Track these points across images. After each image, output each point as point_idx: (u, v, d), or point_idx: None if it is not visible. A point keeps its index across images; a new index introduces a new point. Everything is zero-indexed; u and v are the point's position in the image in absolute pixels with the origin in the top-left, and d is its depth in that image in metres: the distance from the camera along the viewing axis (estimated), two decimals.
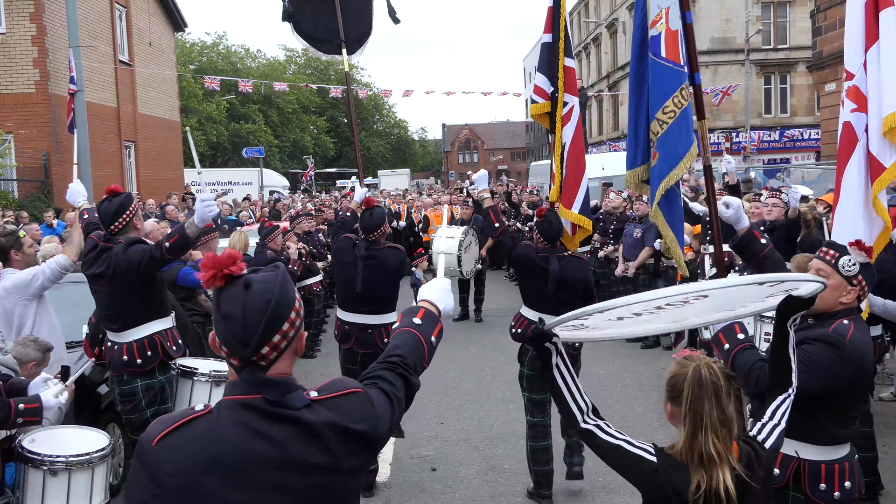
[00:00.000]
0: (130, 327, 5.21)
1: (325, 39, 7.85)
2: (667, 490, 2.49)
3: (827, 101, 22.11)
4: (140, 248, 5.12)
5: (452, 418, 8.14)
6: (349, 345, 6.38)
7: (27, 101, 18.20)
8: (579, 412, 2.74)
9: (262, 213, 19.27)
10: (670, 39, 4.53)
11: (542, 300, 5.90)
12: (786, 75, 38.67)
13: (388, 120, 70.54)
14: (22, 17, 18.13)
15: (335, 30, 7.69)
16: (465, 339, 12.13)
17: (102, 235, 5.27)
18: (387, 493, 6.31)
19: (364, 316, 6.34)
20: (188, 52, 48.77)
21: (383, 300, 6.39)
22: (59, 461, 4.18)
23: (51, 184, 18.11)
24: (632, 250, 11.22)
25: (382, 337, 6.24)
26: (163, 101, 26.09)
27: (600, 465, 6.44)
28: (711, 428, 2.45)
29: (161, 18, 26.41)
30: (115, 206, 5.23)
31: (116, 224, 5.22)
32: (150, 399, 5.25)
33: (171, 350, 5.31)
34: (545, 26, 6.65)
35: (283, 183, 37.55)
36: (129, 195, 5.51)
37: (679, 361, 2.61)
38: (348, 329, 6.39)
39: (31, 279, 5.64)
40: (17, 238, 6.06)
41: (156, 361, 5.22)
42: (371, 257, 6.29)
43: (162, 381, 5.30)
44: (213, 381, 5.47)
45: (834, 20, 20.73)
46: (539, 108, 6.63)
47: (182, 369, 5.49)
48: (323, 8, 7.67)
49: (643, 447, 2.59)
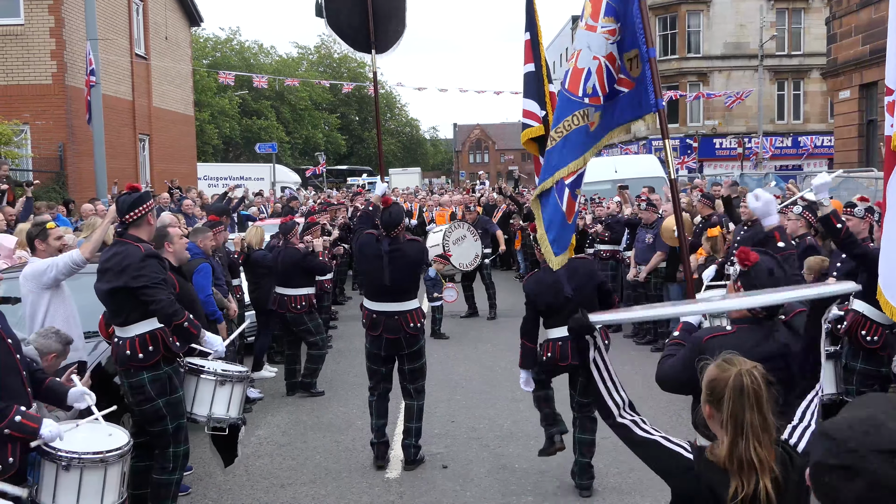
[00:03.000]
0: (132, 322, 5.31)
1: (357, 37, 7.99)
2: (701, 487, 2.51)
3: (841, 109, 22.06)
4: (151, 273, 5.23)
5: (463, 417, 8.19)
6: (378, 332, 6.75)
7: (44, 93, 18.29)
8: (615, 406, 2.76)
9: (275, 208, 19.37)
10: (575, 75, 5.51)
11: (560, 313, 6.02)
12: (799, 82, 38.58)
13: (399, 118, 70.57)
14: (41, 9, 18.24)
15: (367, 29, 7.81)
16: (475, 339, 12.19)
17: (117, 226, 5.45)
18: (398, 490, 6.37)
19: (390, 304, 6.73)
20: (202, 47, 48.92)
21: (407, 289, 6.81)
22: (73, 457, 4.18)
23: (66, 175, 18.22)
24: (643, 254, 11.26)
25: (408, 322, 6.70)
26: (177, 95, 26.20)
27: (611, 466, 6.51)
28: (753, 435, 2.45)
29: (177, 13, 26.51)
30: (132, 199, 5.42)
31: (131, 214, 5.38)
32: (158, 390, 5.33)
33: (172, 345, 5.39)
34: (525, 57, 7.00)
35: (294, 179, 37.66)
36: (148, 193, 5.74)
37: (719, 364, 2.59)
38: (376, 318, 6.76)
39: (45, 269, 5.78)
40: (44, 229, 6.18)
41: (157, 356, 5.31)
42: (395, 251, 6.67)
43: (168, 372, 5.38)
44: (218, 379, 5.55)
45: (849, 27, 20.69)
46: (534, 131, 6.83)
47: (190, 366, 5.58)
48: (358, 8, 7.77)
49: (681, 444, 2.61)
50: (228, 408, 5.61)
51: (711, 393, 2.57)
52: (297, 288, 9.14)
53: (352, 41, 8.06)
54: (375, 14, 7.71)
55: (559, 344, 6.05)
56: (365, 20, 7.73)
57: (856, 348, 5.91)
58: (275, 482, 6.58)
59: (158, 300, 5.21)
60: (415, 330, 6.74)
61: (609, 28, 5.43)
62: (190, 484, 6.47)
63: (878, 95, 18.69)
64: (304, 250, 9.28)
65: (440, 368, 10.16)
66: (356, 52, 8.29)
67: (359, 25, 7.80)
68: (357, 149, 62.36)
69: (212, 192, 21.65)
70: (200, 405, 5.56)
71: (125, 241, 5.34)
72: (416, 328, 6.75)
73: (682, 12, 38.11)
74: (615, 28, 5.44)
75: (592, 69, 5.48)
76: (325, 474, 6.73)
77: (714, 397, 2.55)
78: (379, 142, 8.72)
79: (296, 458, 7.13)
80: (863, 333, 5.80)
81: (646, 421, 2.76)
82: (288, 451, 7.34)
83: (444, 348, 11.49)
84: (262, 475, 6.74)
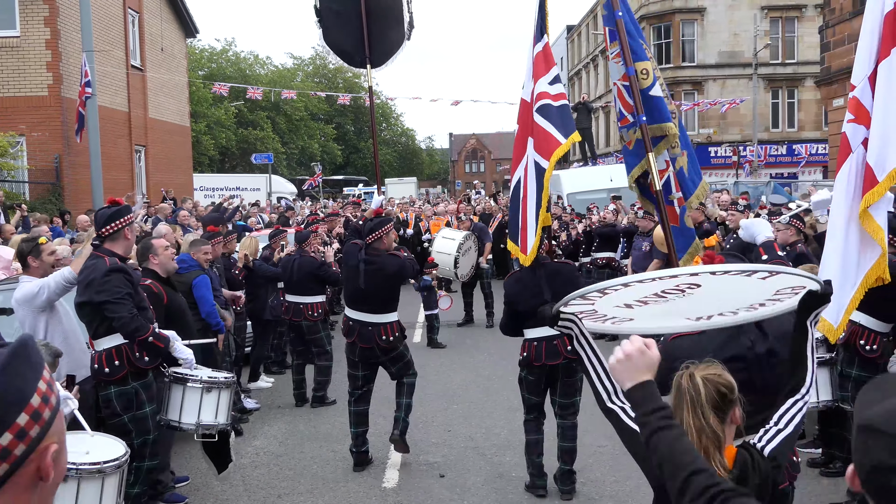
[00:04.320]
0: (100, 336, 5.33)
1: (352, 53, 8.07)
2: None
3: (834, 117, 22.15)
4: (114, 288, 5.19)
5: (460, 426, 8.19)
6: (352, 339, 6.94)
7: (40, 105, 18.32)
8: (605, 392, 2.77)
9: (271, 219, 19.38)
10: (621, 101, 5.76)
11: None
12: (793, 90, 38.73)
13: (395, 128, 70.69)
14: (36, 21, 18.28)
15: (362, 45, 7.86)
16: (471, 347, 12.19)
17: (94, 239, 5.49)
18: (395, 499, 6.37)
19: (366, 314, 6.89)
20: (198, 58, 48.98)
21: (383, 301, 6.92)
22: (70, 468, 4.11)
23: (62, 186, 18.22)
24: (640, 262, 11.28)
25: (381, 334, 6.84)
26: (173, 106, 26.23)
27: (609, 475, 6.52)
28: (696, 437, 2.51)
29: (173, 24, 26.57)
30: (110, 212, 5.46)
31: (107, 228, 5.41)
32: (124, 405, 5.33)
33: (138, 361, 5.36)
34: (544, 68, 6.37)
35: (290, 189, 37.67)
36: (129, 207, 5.72)
37: (683, 365, 2.68)
38: (352, 325, 6.95)
39: (37, 292, 5.62)
40: (37, 245, 6.04)
41: (123, 371, 5.30)
42: (370, 262, 6.81)
43: (136, 388, 5.36)
44: (204, 386, 5.54)
45: (843, 36, 20.80)
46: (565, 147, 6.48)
47: (175, 376, 5.58)
48: (353, 24, 7.82)
49: None
50: (217, 414, 5.60)
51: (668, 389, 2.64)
52: (312, 296, 9.16)
53: (348, 57, 8.12)
54: (371, 28, 7.76)
55: (535, 344, 6.12)
56: (360, 36, 7.78)
57: (852, 355, 5.93)
58: (272, 492, 6.57)
59: (120, 316, 5.18)
60: (387, 343, 6.84)
61: (616, 52, 5.62)
62: (187, 494, 6.46)
63: None
64: (321, 259, 9.31)
65: (437, 378, 10.16)
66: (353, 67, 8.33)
67: (355, 41, 7.85)
68: (353, 159, 62.44)
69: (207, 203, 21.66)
70: (188, 414, 5.55)
71: (98, 255, 5.34)
72: (390, 341, 6.85)
73: (676, 21, 38.28)
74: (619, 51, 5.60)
75: (615, 95, 5.75)
76: (322, 484, 6.72)
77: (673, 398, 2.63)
78: (375, 155, 8.76)
79: (293, 469, 7.12)
80: (861, 343, 5.81)
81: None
82: (285, 461, 7.33)
83: (441, 357, 11.48)
84: (260, 485, 6.72)
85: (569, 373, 6.11)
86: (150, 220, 13.73)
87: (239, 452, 7.51)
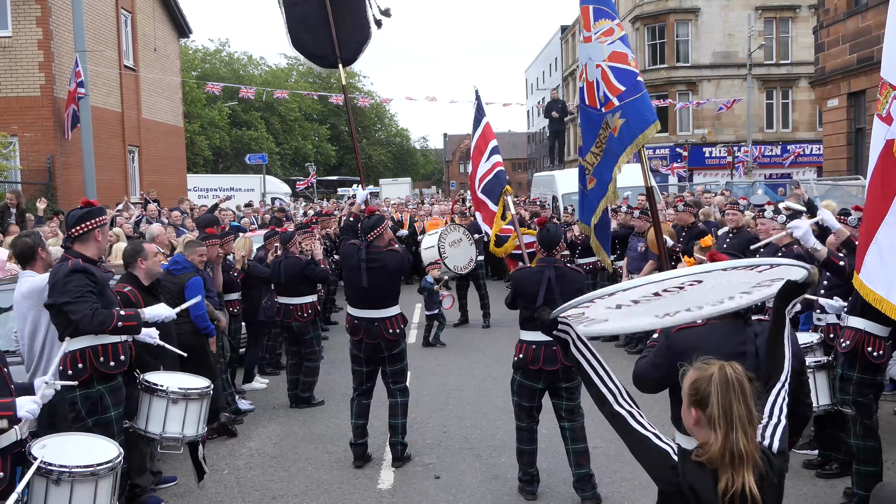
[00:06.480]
0: (66, 339, 5.23)
1: (323, 55, 8.19)
2: (683, 486, 2.49)
3: (829, 117, 22.19)
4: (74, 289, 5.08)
5: (455, 427, 8.16)
6: (359, 336, 6.99)
7: (32, 105, 18.24)
8: (611, 394, 2.73)
9: (264, 219, 19.32)
10: (589, 89, 5.68)
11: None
12: (787, 90, 38.78)
13: (389, 129, 70.64)
14: (28, 21, 18.20)
15: (332, 46, 7.93)
16: (466, 349, 12.16)
17: (63, 241, 5.37)
18: (391, 501, 6.33)
19: (370, 311, 6.93)
20: (191, 59, 48.88)
21: (386, 296, 6.98)
22: (63, 471, 4.11)
23: (55, 187, 18.14)
24: (636, 263, 11.27)
25: (387, 328, 6.91)
26: (167, 107, 26.16)
27: (604, 476, 6.49)
28: (741, 427, 2.43)
29: (166, 24, 26.50)
30: (80, 213, 5.39)
31: (77, 229, 5.35)
32: (88, 408, 5.23)
33: (101, 365, 5.25)
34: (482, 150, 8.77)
35: (284, 190, 37.58)
36: (101, 209, 5.61)
37: (697, 366, 2.57)
38: (357, 323, 7.00)
39: (44, 286, 5.49)
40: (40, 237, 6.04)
41: (86, 374, 5.19)
42: (372, 260, 6.85)
43: (101, 391, 5.27)
44: (170, 398, 5.50)
45: (837, 36, 20.83)
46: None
47: (145, 384, 5.55)
48: (320, 27, 7.88)
49: (670, 445, 2.60)
50: (184, 426, 5.55)
51: (696, 393, 2.53)
52: (301, 297, 9.12)
53: (318, 60, 8.20)
54: (338, 27, 7.82)
55: (532, 347, 6.06)
56: (328, 36, 7.84)
57: (853, 358, 5.88)
58: (266, 494, 6.53)
59: (82, 315, 5.04)
60: (394, 335, 6.92)
61: (604, 30, 5.49)
62: (181, 496, 6.41)
63: (867, 104, 18.82)
64: (306, 259, 9.26)
65: (433, 379, 10.13)
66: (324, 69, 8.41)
67: (323, 43, 7.93)
68: (347, 159, 62.35)
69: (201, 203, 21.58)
70: (154, 423, 5.52)
71: (67, 257, 5.27)
72: (396, 333, 6.94)
73: (670, 22, 38.30)
74: (612, 27, 5.45)
75: (599, 77, 5.58)
76: (316, 486, 6.68)
77: (699, 396, 2.51)
78: (356, 150, 8.89)
79: (287, 470, 7.08)
80: (869, 350, 5.77)
81: (643, 415, 2.74)
82: (279, 462, 7.29)
83: (437, 358, 11.45)
84: (254, 487, 6.68)
85: (569, 376, 6.06)
86: (144, 219, 13.68)
87: (233, 454, 7.47)
